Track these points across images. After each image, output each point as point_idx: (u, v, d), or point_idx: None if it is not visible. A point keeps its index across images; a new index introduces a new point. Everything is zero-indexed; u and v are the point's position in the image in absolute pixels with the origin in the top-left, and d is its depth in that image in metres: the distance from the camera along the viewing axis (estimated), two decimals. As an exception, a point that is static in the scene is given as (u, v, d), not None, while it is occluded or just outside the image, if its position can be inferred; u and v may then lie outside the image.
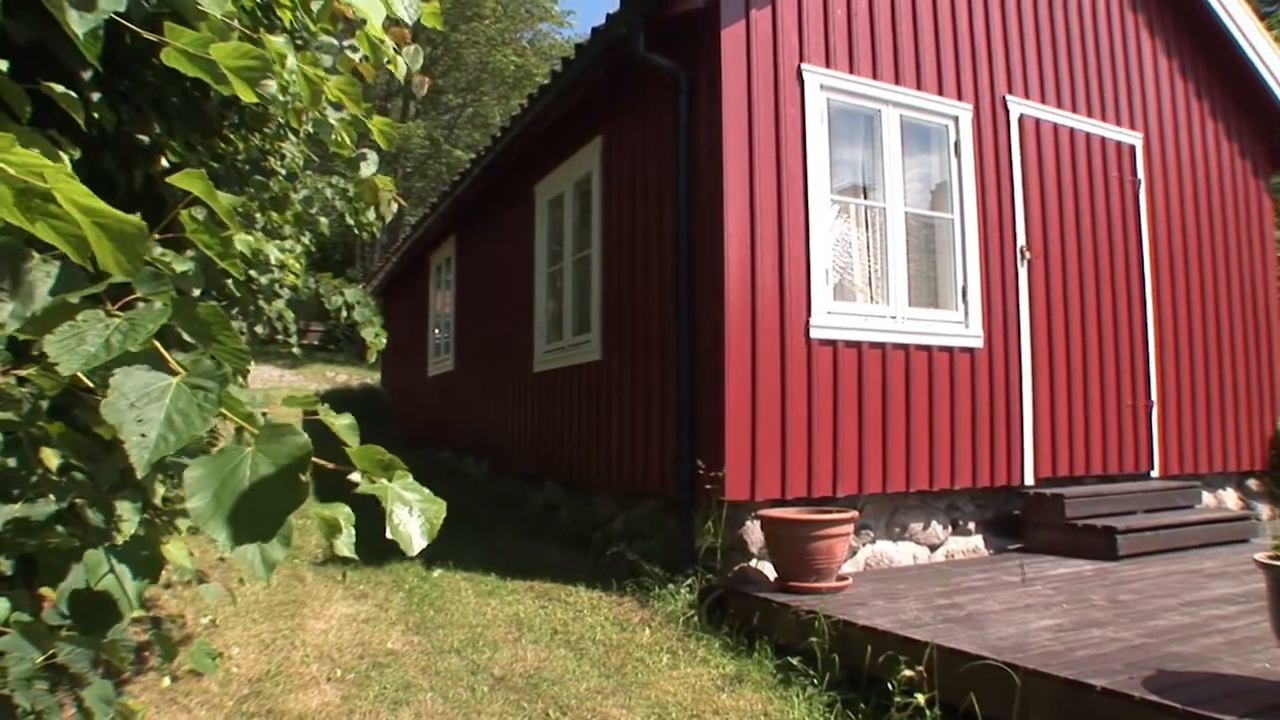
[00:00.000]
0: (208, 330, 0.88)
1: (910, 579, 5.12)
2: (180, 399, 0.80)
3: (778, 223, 5.37)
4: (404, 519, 0.91)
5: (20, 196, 0.79)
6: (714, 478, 5.06)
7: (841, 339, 5.50)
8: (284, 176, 3.89)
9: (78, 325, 0.83)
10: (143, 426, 0.77)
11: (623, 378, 6.37)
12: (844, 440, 5.43)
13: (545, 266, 8.12)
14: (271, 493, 0.80)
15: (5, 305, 0.91)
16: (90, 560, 1.21)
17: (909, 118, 5.99)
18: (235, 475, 0.81)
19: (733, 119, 5.31)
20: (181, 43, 1.10)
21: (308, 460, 0.82)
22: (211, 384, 0.80)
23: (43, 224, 0.82)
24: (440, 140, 30.43)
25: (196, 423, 0.79)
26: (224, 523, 0.77)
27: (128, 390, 0.79)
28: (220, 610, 4.59)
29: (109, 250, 0.82)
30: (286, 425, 0.83)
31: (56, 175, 0.78)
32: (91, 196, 0.79)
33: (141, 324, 0.82)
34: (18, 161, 0.79)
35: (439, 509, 0.95)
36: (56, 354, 0.79)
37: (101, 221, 0.81)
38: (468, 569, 5.83)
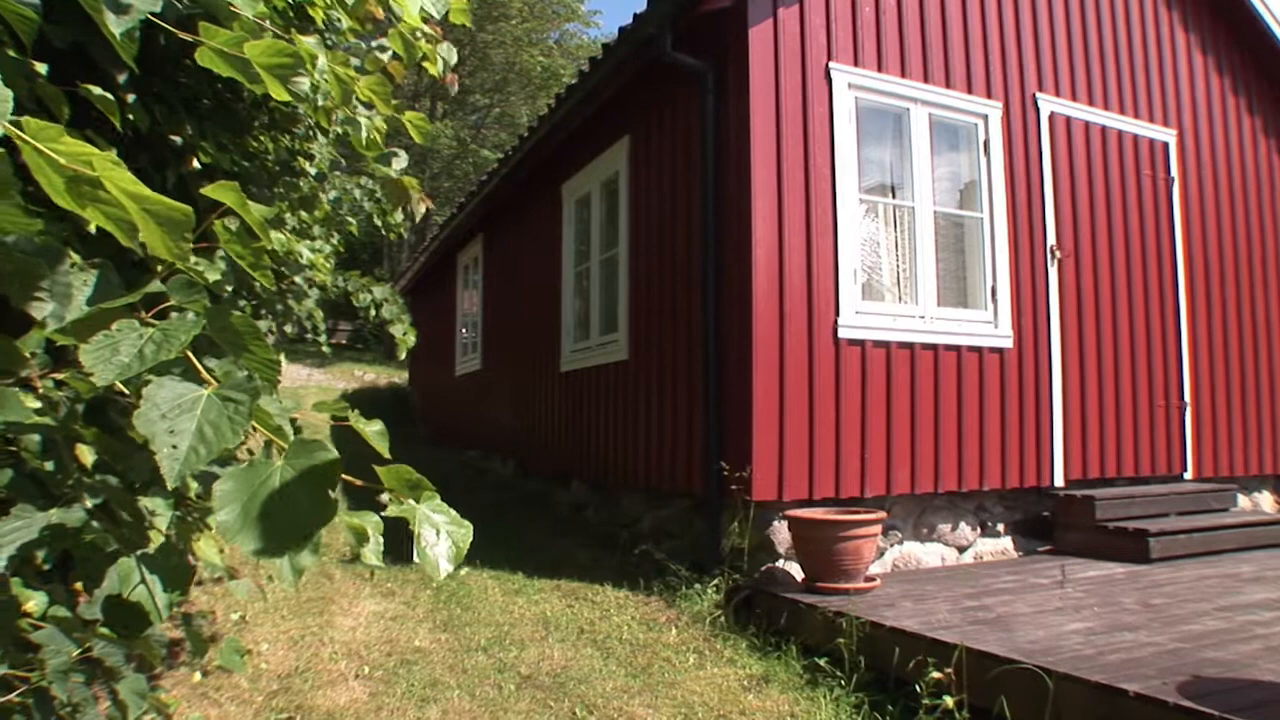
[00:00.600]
0: (240, 340, 0.87)
1: (938, 580, 5.06)
2: (211, 411, 0.80)
3: (805, 222, 5.33)
4: (431, 542, 0.90)
5: (70, 184, 0.79)
6: (741, 478, 5.03)
7: (870, 339, 5.45)
8: (313, 177, 3.91)
9: (112, 335, 0.83)
10: (174, 438, 0.77)
11: (650, 377, 6.35)
12: (872, 441, 5.38)
13: (572, 266, 8.12)
14: (300, 508, 0.80)
15: (45, 305, 0.91)
16: (123, 569, 1.21)
17: (938, 116, 5.93)
18: (264, 489, 0.80)
19: (760, 118, 5.27)
20: (216, 42, 1.09)
21: (337, 476, 0.81)
22: (243, 396, 0.80)
23: (94, 209, 0.82)
24: (467, 140, 30.56)
25: (228, 435, 0.78)
26: (252, 537, 0.77)
27: (160, 401, 0.79)
28: (250, 607, 4.62)
29: (157, 234, 0.82)
30: (316, 440, 0.82)
31: (104, 163, 0.78)
32: (138, 184, 0.79)
33: (175, 334, 0.81)
34: (67, 150, 0.79)
35: (466, 532, 0.93)
36: (92, 364, 0.79)
37: (149, 207, 0.81)
38: (495, 568, 5.84)
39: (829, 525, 4.66)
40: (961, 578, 5.11)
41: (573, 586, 5.44)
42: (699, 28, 5.61)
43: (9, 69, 1.22)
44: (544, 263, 8.80)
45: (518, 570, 5.81)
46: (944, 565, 5.67)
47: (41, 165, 0.78)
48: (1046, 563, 5.56)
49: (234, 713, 3.42)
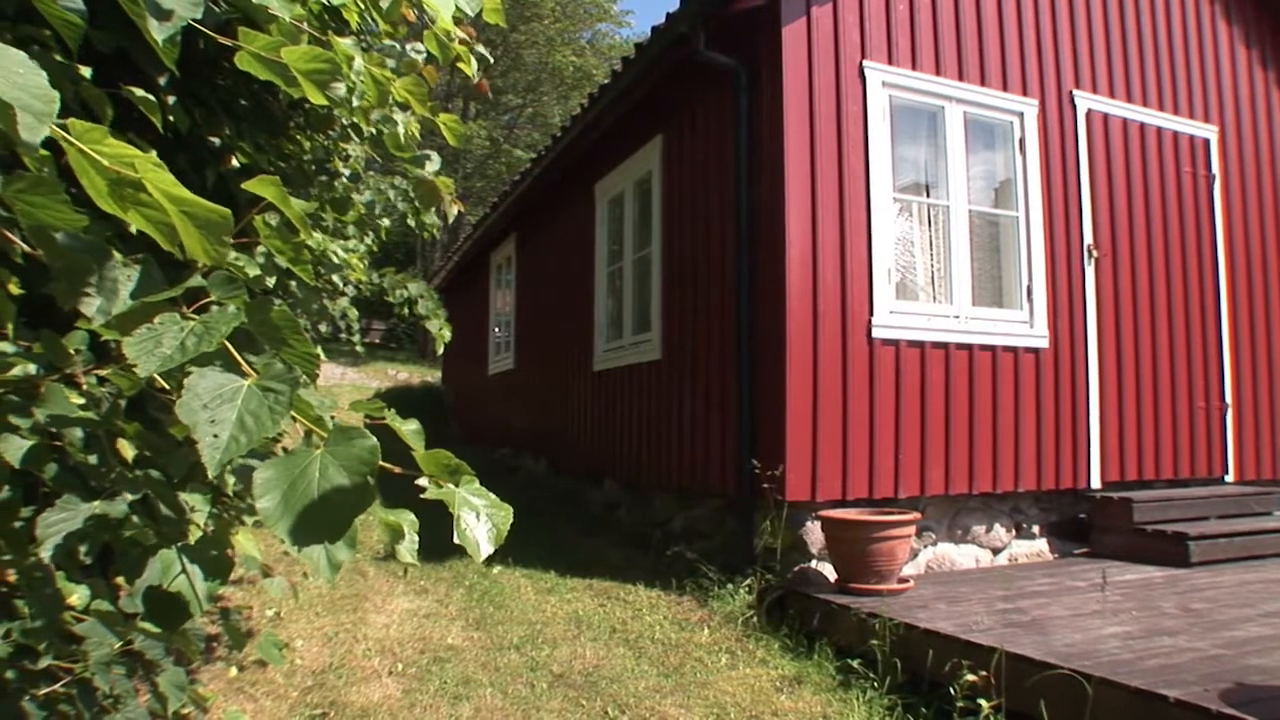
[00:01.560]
0: (279, 334, 0.88)
1: (972, 582, 5.01)
2: (252, 401, 0.81)
3: (839, 221, 5.30)
4: (471, 524, 0.91)
5: (113, 186, 0.81)
6: (774, 477, 5.02)
7: (904, 339, 5.41)
8: (348, 177, 3.95)
9: (155, 328, 0.84)
10: (215, 428, 0.78)
11: (683, 377, 6.35)
12: (906, 441, 5.34)
13: (605, 265, 8.14)
14: (339, 495, 0.81)
15: (93, 300, 0.93)
16: (164, 560, 1.23)
17: (973, 114, 5.86)
18: (304, 477, 0.81)
19: (794, 117, 5.25)
20: (255, 47, 1.11)
21: (376, 463, 0.82)
22: (283, 387, 0.81)
23: (134, 211, 0.84)
24: (500, 140, 30.73)
25: (268, 424, 0.79)
26: (292, 524, 0.78)
27: (201, 391, 0.80)
28: (284, 603, 4.68)
29: (195, 237, 0.84)
30: (355, 428, 0.83)
31: (146, 165, 0.80)
32: (178, 185, 0.81)
33: (215, 327, 0.83)
34: (110, 153, 0.81)
35: (506, 515, 0.94)
36: (135, 356, 0.80)
37: (189, 210, 0.83)
38: (527, 566, 5.87)
39: (862, 526, 4.63)
40: (996, 580, 5.05)
41: (605, 586, 5.45)
42: (732, 26, 5.60)
43: (55, 73, 1.25)
44: (577, 262, 8.82)
45: (550, 569, 5.83)
46: (978, 567, 5.61)
47: (85, 167, 0.80)
48: (1082, 565, 5.48)
49: (269, 708, 3.47)
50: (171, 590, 1.22)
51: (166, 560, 1.24)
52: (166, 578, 1.23)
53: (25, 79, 0.73)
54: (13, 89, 0.72)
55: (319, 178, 3.44)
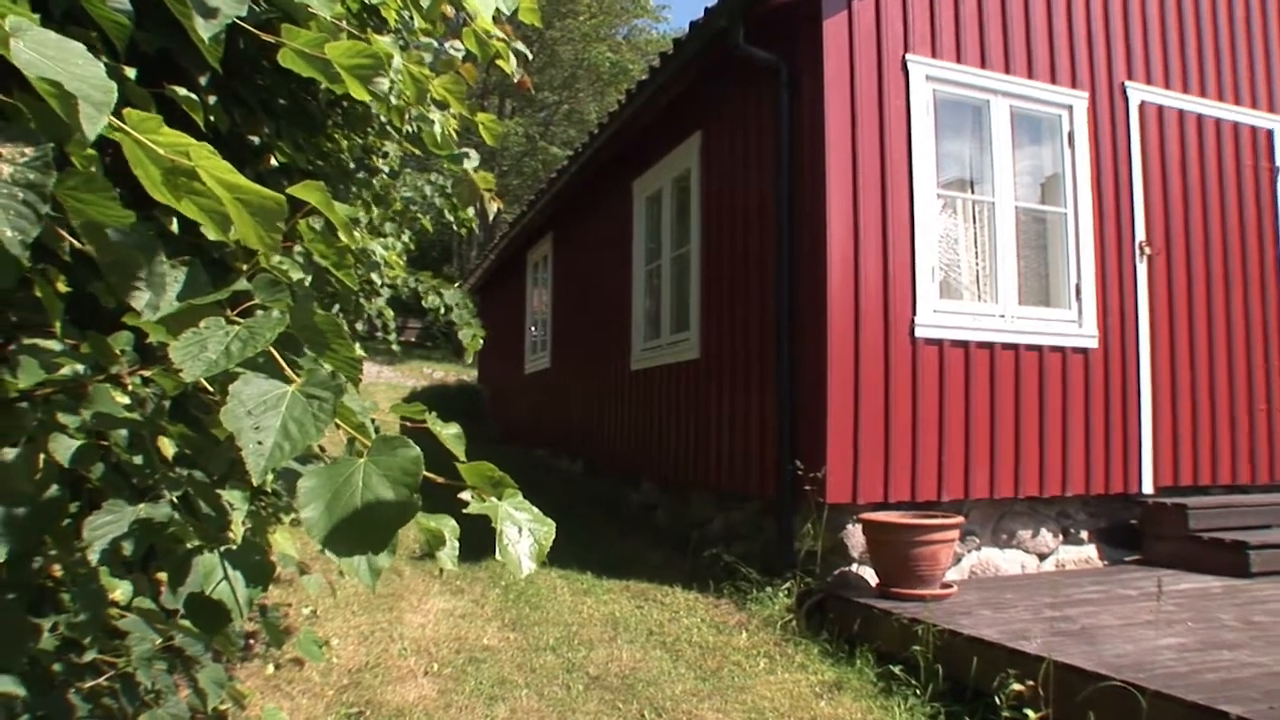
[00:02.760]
0: (323, 339, 0.89)
1: (1018, 588, 4.93)
2: (296, 408, 0.81)
3: (881, 218, 5.25)
4: (513, 539, 0.90)
5: (167, 175, 0.82)
6: (815, 479, 4.98)
7: (948, 338, 5.34)
8: (386, 174, 3.98)
9: (200, 332, 0.85)
10: (259, 434, 0.79)
11: (722, 377, 6.33)
12: (950, 443, 5.28)
13: (643, 264, 8.14)
14: (382, 507, 0.81)
15: (143, 294, 0.94)
16: (206, 566, 1.25)
17: (1019, 108, 5.77)
18: (347, 487, 0.81)
19: (835, 112, 5.21)
20: (298, 43, 1.12)
21: (419, 475, 0.82)
22: (326, 394, 0.82)
23: (188, 201, 0.85)
24: (536, 137, 30.88)
25: (311, 432, 0.80)
26: (334, 535, 0.78)
27: (246, 397, 0.81)
28: (320, 602, 4.73)
29: (250, 225, 0.85)
30: (399, 437, 0.84)
31: (201, 153, 0.81)
32: (234, 173, 0.82)
33: (260, 332, 0.84)
34: (166, 141, 0.82)
35: (549, 530, 0.94)
36: (180, 360, 0.81)
37: (243, 197, 0.84)
38: (564, 567, 5.89)
39: (904, 529, 4.59)
40: (1042, 586, 4.97)
41: (642, 587, 5.45)
42: (771, 20, 5.56)
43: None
44: (614, 260, 8.83)
45: (586, 570, 5.84)
46: (1024, 573, 5.53)
47: (140, 158, 0.81)
48: (1134, 573, 5.37)
49: (306, 706, 3.51)
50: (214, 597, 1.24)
51: (208, 566, 1.25)
52: (208, 583, 1.25)
53: (84, 70, 0.74)
54: (74, 80, 0.73)
55: (357, 174, 3.47)
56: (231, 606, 1.25)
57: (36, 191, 0.75)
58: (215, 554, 1.28)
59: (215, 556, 1.27)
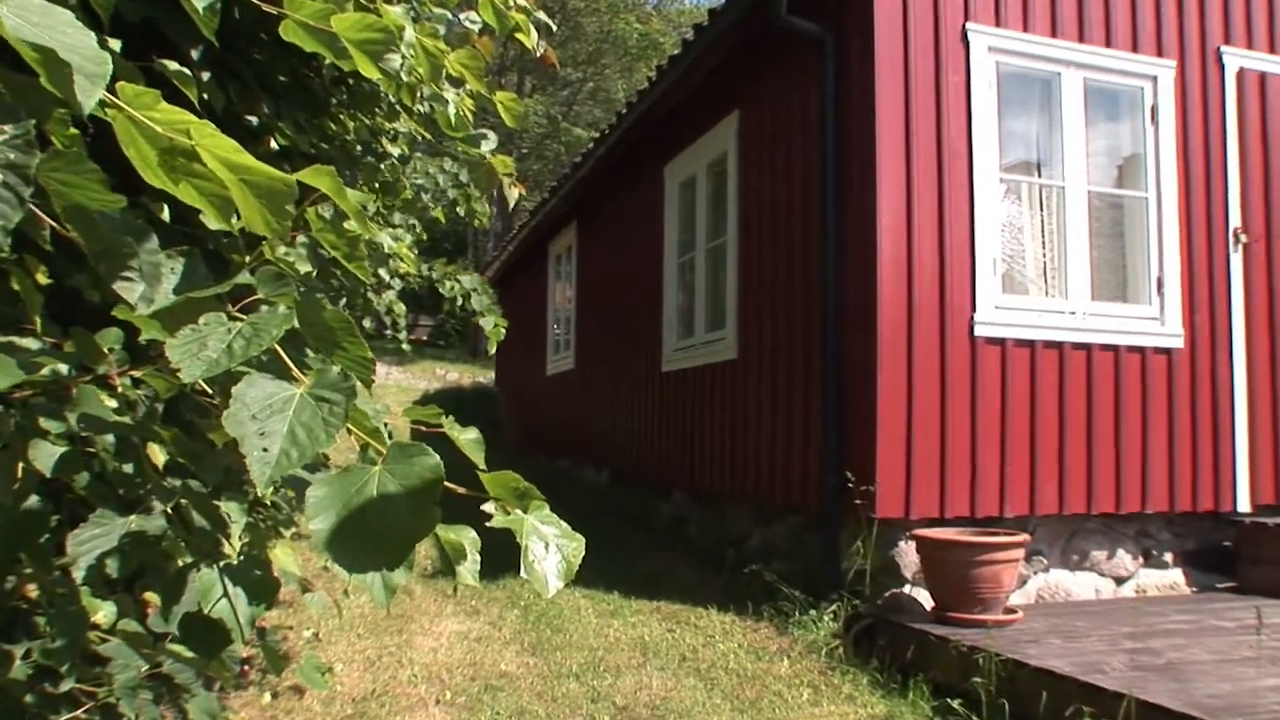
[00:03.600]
0: (333, 336, 0.88)
1: (1092, 616, 4.86)
2: (304, 412, 0.81)
3: (938, 206, 5.20)
4: (540, 556, 0.90)
5: (164, 156, 0.82)
6: (863, 492, 4.95)
7: (1011, 337, 5.28)
8: (396, 158, 4.00)
9: (199, 329, 0.85)
10: (265, 440, 0.79)
11: (761, 379, 6.31)
12: (1013, 453, 5.22)
13: (675, 256, 8.13)
14: (399, 520, 0.81)
15: (135, 285, 0.94)
16: (203, 582, 1.25)
17: (1094, 81, 5.68)
18: (361, 497, 0.81)
19: (887, 88, 5.17)
20: (302, 15, 1.12)
21: (439, 484, 0.81)
22: (338, 396, 0.82)
23: (186, 185, 0.85)
24: (559, 118, 30.94)
25: (321, 437, 0.80)
26: (347, 548, 0.78)
27: (250, 400, 0.81)
28: (323, 623, 4.77)
29: (256, 209, 0.85)
30: (416, 444, 0.83)
31: (202, 131, 0.81)
32: (241, 152, 0.82)
33: (265, 329, 0.84)
34: (164, 119, 0.82)
35: (577, 546, 0.93)
36: (178, 359, 0.82)
37: (250, 179, 0.83)
38: (588, 586, 5.89)
39: (963, 547, 4.55)
40: (1121, 614, 4.90)
41: (673, 609, 5.44)
42: (817, -12, 5.54)
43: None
44: (644, 252, 8.83)
45: (613, 589, 5.84)
46: (1098, 598, 5.45)
47: (134, 136, 0.81)
48: (1228, 602, 5.27)
49: (311, 735, 3.53)
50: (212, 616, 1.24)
51: (206, 582, 1.26)
52: (207, 601, 1.25)
53: (75, 39, 0.74)
54: (65, 50, 0.73)
55: (365, 159, 3.49)
56: (232, 626, 1.26)
57: (18, 173, 0.75)
58: (214, 569, 1.28)
59: (214, 572, 1.27)
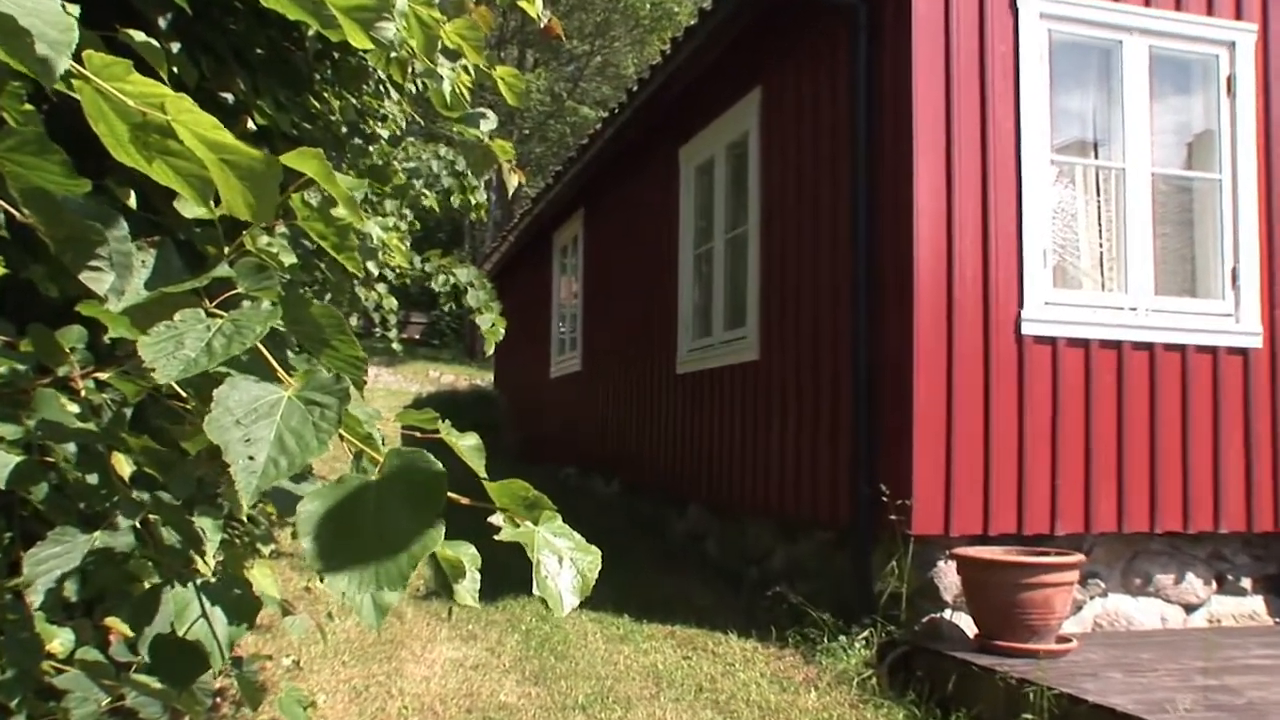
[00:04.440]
0: (321, 334, 0.88)
1: (1158, 647, 4.83)
2: (293, 416, 0.81)
3: (981, 191, 5.19)
4: (553, 572, 0.90)
5: (136, 133, 0.82)
6: (899, 506, 4.94)
7: (1063, 336, 5.26)
8: (386, 140, 4.01)
9: (175, 326, 0.85)
10: (250, 448, 0.78)
11: (785, 381, 6.30)
12: (1066, 464, 5.20)
13: (692, 247, 8.13)
14: (401, 532, 0.80)
15: (105, 275, 0.93)
16: (178, 601, 1.25)
17: (1161, 49, 5.65)
18: (357, 510, 0.81)
19: (925, 62, 5.16)
20: (285, -23, 1.11)
21: (443, 494, 0.81)
22: (329, 400, 0.81)
23: (160, 164, 0.85)
24: (563, 95, 30.97)
25: (312, 444, 0.79)
26: (343, 566, 0.77)
27: (233, 405, 0.80)
28: (305, 650, 4.77)
29: (238, 191, 0.84)
30: (417, 451, 0.83)
31: (179, 105, 0.80)
32: (221, 129, 0.81)
33: (247, 326, 0.84)
34: (136, 91, 0.81)
35: (593, 560, 0.93)
36: (152, 359, 0.81)
37: (231, 158, 0.83)
38: (595, 609, 5.89)
39: (1010, 568, 4.53)
40: (1192, 646, 4.86)
41: (689, 634, 5.44)
42: (849, -49, 5.53)
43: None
44: (657, 243, 8.83)
45: (623, 612, 5.84)
46: (1165, 628, 5.42)
47: (103, 110, 0.80)
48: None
49: (292, 772, 3.53)
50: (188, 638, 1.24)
51: (181, 601, 1.25)
52: (182, 622, 1.24)
53: (35, 3, 0.73)
54: (25, 15, 0.72)
55: (351, 141, 3.50)
56: (211, 649, 1.25)
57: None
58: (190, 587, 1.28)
59: (190, 590, 1.27)
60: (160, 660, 1.28)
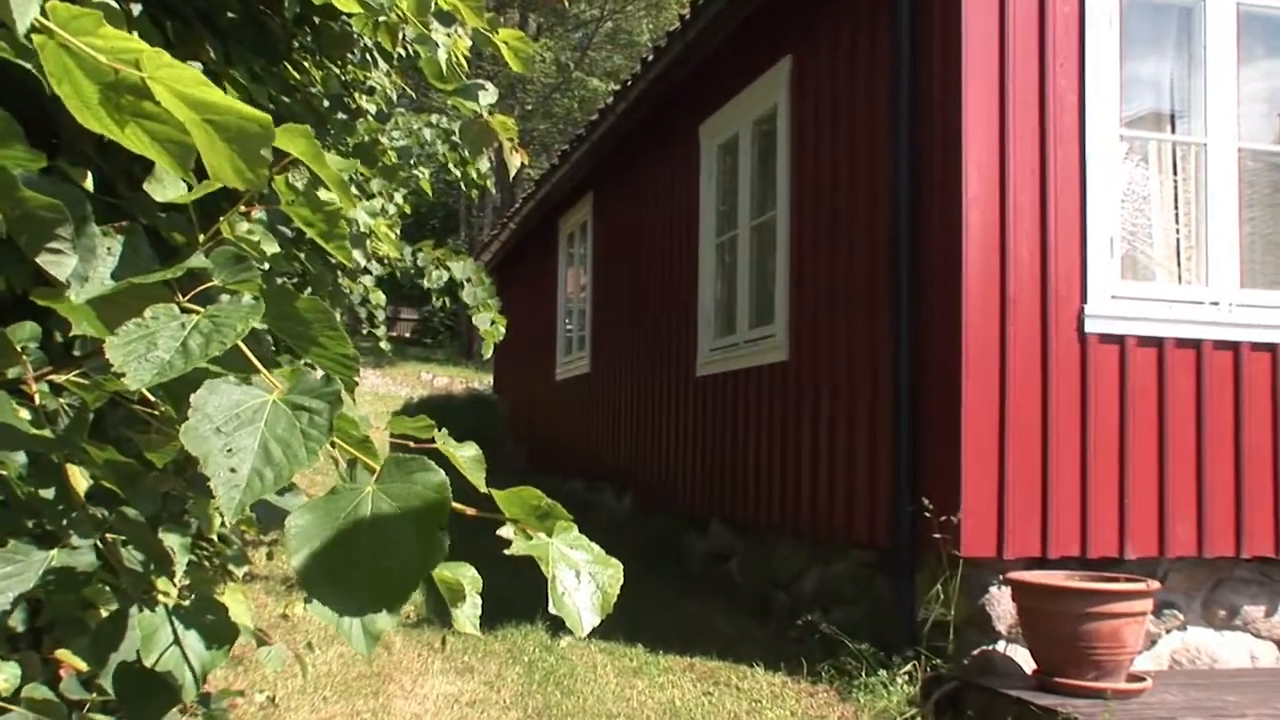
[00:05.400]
0: (307, 331, 0.88)
1: (1247, 688, 4.81)
2: (279, 423, 0.81)
3: (1040, 170, 5.17)
4: (570, 588, 0.89)
5: (106, 94, 0.80)
6: (945, 524, 4.93)
7: (1132, 334, 5.24)
8: (373, 116, 4.02)
9: (146, 323, 0.85)
10: (232, 459, 0.78)
11: (817, 385, 6.29)
12: (1136, 479, 5.17)
13: (713, 235, 8.13)
14: (400, 548, 0.80)
15: (67, 259, 0.92)
16: (145, 626, 1.24)
17: (1251, 7, 5.61)
18: (353, 524, 0.81)
19: (976, 25, 5.15)
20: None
21: (446, 506, 0.81)
22: (319, 404, 0.81)
23: (134, 128, 0.83)
24: (570, 65, 30.99)
25: (301, 454, 0.79)
26: (337, 587, 0.78)
27: (213, 411, 0.80)
28: (281, 684, 4.78)
29: (225, 156, 0.83)
30: (417, 459, 0.83)
31: (157, 61, 0.79)
32: (207, 85, 0.80)
33: (227, 323, 0.83)
34: (108, 46, 0.80)
35: (615, 574, 0.92)
36: (122, 362, 0.81)
37: (216, 119, 0.81)
38: (606, 638, 5.89)
39: (1073, 596, 4.53)
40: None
41: (710, 666, 5.44)
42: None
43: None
44: (675, 230, 8.84)
45: (636, 642, 5.84)
46: (1254, 666, 5.39)
47: (69, 68, 0.79)
48: None
49: (269, 820, 3.54)
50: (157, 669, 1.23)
51: (149, 626, 1.25)
52: (149, 650, 1.24)
53: None
54: None
55: (335, 116, 3.50)
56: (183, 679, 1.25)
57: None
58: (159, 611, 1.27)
59: (160, 614, 1.26)
60: (125, 693, 1.28)
